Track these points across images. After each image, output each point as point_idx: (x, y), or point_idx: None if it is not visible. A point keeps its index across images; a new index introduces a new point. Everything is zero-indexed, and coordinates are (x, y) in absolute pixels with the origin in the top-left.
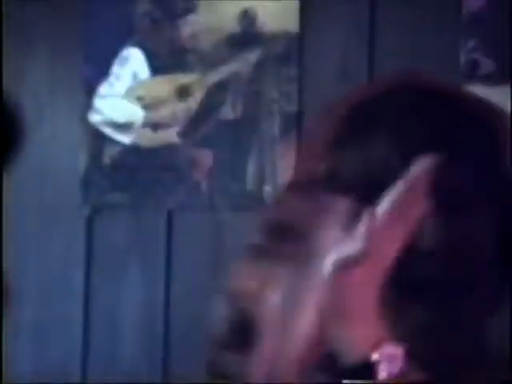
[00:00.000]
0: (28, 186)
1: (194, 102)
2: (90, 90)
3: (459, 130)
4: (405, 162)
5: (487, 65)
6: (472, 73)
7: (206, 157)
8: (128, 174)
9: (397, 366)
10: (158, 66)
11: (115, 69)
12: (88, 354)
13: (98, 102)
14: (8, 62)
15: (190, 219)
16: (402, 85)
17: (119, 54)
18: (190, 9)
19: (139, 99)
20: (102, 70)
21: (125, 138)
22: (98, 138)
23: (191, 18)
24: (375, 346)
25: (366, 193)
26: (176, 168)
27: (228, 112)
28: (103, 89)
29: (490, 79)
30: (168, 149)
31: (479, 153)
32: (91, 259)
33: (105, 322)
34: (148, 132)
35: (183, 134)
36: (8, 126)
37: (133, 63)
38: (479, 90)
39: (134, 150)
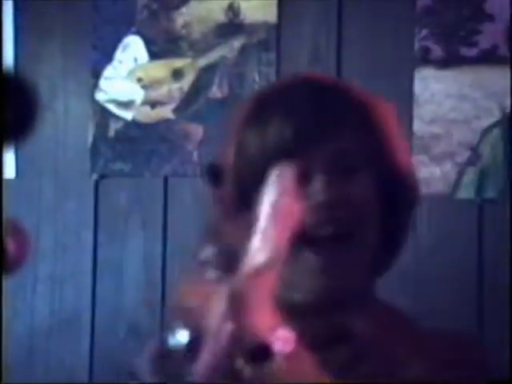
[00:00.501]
0: (44, 155)
1: (186, 82)
2: (96, 73)
3: (338, 113)
4: (296, 137)
5: (437, 51)
6: (424, 57)
7: (196, 130)
8: (129, 145)
9: (290, 345)
10: (155, 52)
11: (118, 54)
12: (96, 303)
13: (103, 83)
14: (26, 49)
15: (183, 184)
16: (296, 81)
17: (122, 42)
18: (182, 2)
19: (139, 80)
20: (107, 56)
21: (127, 114)
22: (103, 114)
23: (184, 10)
24: (272, 330)
25: (265, 164)
26: (171, 140)
27: (216, 91)
28: (108, 71)
29: (439, 63)
30: (164, 123)
31: (356, 128)
32: (98, 219)
33: (111, 274)
34: (147, 109)
35: (177, 111)
36: (26, 103)
37: (133, 49)
38: (430, 72)
39: (134, 124)
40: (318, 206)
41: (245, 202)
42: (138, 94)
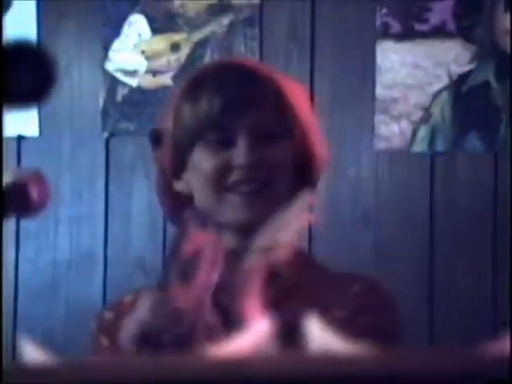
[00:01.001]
0: (61, 117)
1: (183, 54)
2: (106, 46)
3: (252, 93)
4: (223, 108)
5: (395, 26)
6: (384, 32)
7: None
8: (135, 108)
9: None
10: (156, 28)
11: (125, 30)
12: (108, 242)
13: (112, 55)
14: (46, 26)
15: None
16: (224, 63)
17: (128, 19)
18: None
19: (143, 52)
20: (115, 31)
21: (132, 81)
22: (112, 82)
23: None
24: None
25: (197, 131)
26: None
27: (208, 62)
28: (116, 45)
29: (397, 37)
30: (164, 89)
31: (274, 103)
32: (109, 171)
33: (120, 217)
34: (149, 77)
35: (175, 78)
36: (47, 71)
37: (138, 26)
38: (389, 44)
39: (139, 90)
40: (241, 166)
41: (181, 161)
42: (141, 64)
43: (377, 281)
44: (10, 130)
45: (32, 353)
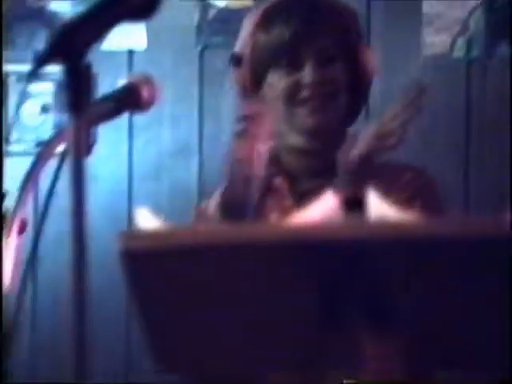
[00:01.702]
0: (164, 32)
1: None
2: None
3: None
4: (293, 36)
5: None
6: None
7: None
8: (223, 25)
9: None
10: None
11: None
12: (203, 137)
13: None
14: None
15: None
16: None
17: None
18: None
19: None
20: None
21: (221, 3)
22: (204, 3)
23: None
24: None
25: (271, 55)
26: None
27: None
28: None
29: None
30: (246, 10)
31: (335, 32)
32: (203, 78)
33: (212, 116)
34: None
35: (255, 0)
36: None
37: None
38: None
39: (226, 10)
40: (308, 85)
41: (257, 81)
42: None
43: (423, 169)
44: (122, 45)
45: (145, 220)
